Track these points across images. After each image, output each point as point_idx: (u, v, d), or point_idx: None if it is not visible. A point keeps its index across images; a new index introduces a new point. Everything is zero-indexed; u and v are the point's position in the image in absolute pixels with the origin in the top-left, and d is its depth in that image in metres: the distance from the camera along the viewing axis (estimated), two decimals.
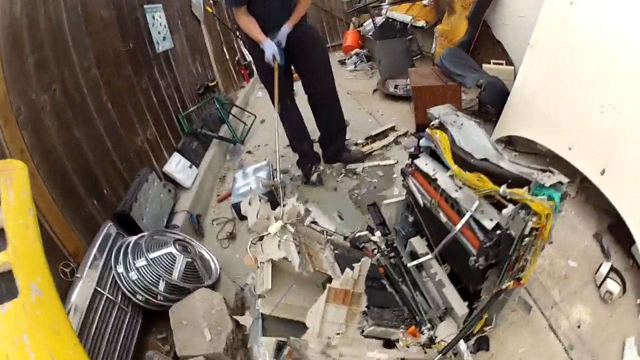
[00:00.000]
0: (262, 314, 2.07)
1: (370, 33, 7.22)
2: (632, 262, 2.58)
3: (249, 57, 8.17)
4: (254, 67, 8.02)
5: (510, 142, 3.81)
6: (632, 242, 2.44)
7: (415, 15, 6.44)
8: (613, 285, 2.40)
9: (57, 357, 1.47)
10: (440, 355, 1.81)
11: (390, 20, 6.65)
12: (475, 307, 2.02)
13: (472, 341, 2.18)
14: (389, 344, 2.03)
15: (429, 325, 2.14)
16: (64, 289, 2.28)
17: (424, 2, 6.39)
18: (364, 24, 8.20)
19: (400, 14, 6.57)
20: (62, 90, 2.88)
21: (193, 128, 4.94)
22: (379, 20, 6.87)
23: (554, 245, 2.52)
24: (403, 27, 6.54)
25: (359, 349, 1.90)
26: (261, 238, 2.14)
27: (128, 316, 2.53)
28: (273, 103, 3.63)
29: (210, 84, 6.16)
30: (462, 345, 1.94)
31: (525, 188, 1.56)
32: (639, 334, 2.22)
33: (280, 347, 1.87)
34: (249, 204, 2.37)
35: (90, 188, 2.89)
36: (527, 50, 3.42)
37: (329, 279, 2.04)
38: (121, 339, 2.41)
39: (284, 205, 2.26)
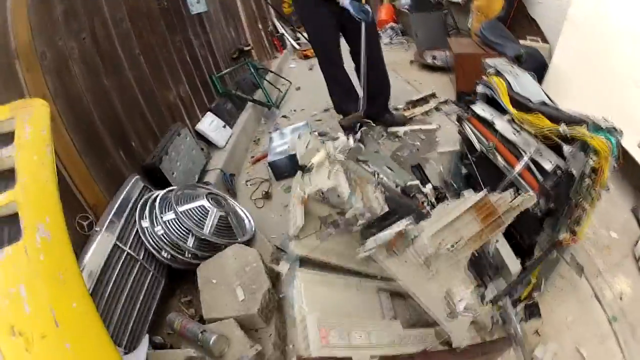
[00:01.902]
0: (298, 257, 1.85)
1: (405, 6, 6.99)
2: None
3: (281, 30, 8.08)
4: (287, 39, 7.90)
5: None
6: None
7: None
8: None
9: (58, 310, 1.22)
10: (484, 305, 1.72)
11: None
12: (527, 265, 1.87)
13: (522, 308, 2.05)
14: None
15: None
16: (79, 244, 2.03)
17: None
18: None
19: None
20: (92, 39, 2.68)
21: (227, 89, 4.73)
22: None
23: (597, 215, 2.30)
24: (438, 1, 6.39)
25: (453, 277, 1.65)
26: (309, 170, 1.97)
27: (150, 275, 2.28)
28: (320, 62, 3.86)
29: (245, 48, 5.88)
30: (509, 310, 1.84)
31: (584, 126, 1.46)
32: None
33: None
34: (299, 137, 2.23)
35: (117, 139, 2.66)
36: (564, 25, 3.32)
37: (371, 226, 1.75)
38: (140, 299, 2.15)
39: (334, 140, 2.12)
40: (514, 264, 1.85)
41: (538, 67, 3.60)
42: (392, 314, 1.89)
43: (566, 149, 1.52)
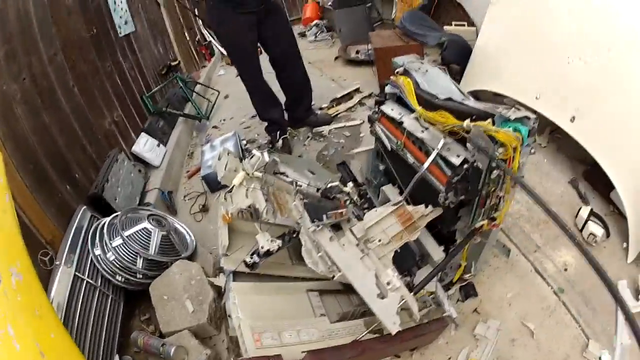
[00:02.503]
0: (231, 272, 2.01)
1: (329, 3, 7.04)
2: (613, 207, 2.55)
3: (208, 38, 7.99)
4: (215, 47, 7.88)
5: (477, 98, 3.73)
6: (610, 188, 2.40)
7: None
8: (596, 228, 2.36)
9: (41, 343, 1.41)
10: (413, 294, 1.72)
11: None
12: (451, 251, 1.96)
13: (456, 290, 2.20)
14: None
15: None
16: (44, 279, 2.16)
17: None
18: None
19: None
20: (31, 78, 2.77)
21: (158, 107, 4.77)
22: None
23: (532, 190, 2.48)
24: None
25: (381, 267, 1.76)
26: (231, 191, 2.06)
27: (110, 299, 2.44)
28: (241, 73, 3.73)
29: (173, 63, 5.92)
30: (440, 292, 1.93)
31: (489, 120, 1.52)
32: (629, 277, 2.19)
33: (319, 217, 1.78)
34: (219, 158, 2.22)
35: (62, 173, 2.77)
36: (489, 8, 3.35)
37: (291, 232, 2.00)
38: (105, 324, 2.31)
39: (250, 157, 2.19)
40: (436, 252, 2.00)
41: (463, 52, 3.76)
42: (322, 311, 2.01)
43: (469, 145, 1.54)
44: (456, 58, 3.89)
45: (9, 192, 1.76)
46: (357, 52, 5.82)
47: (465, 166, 1.60)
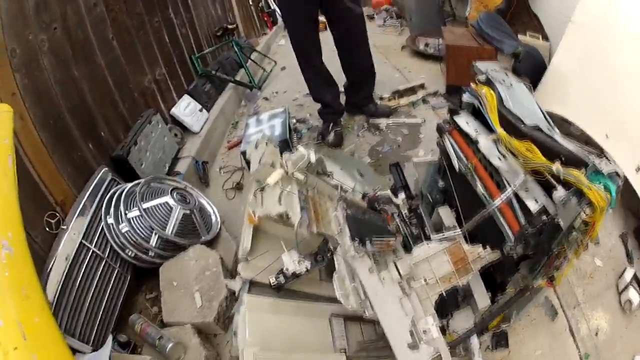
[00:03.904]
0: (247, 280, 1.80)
1: None
2: None
3: (272, 5, 7.95)
4: (278, 15, 7.80)
5: None
6: None
7: None
8: (634, 295, 2.25)
9: (24, 324, 1.34)
10: (449, 348, 1.57)
11: None
12: (498, 299, 1.81)
13: (489, 336, 2.04)
14: None
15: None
16: (48, 242, 2.11)
17: None
18: None
19: None
20: (63, 28, 2.66)
21: (207, 70, 4.69)
22: None
23: None
24: None
25: (421, 310, 1.66)
26: (263, 189, 1.80)
27: (116, 273, 2.35)
28: (293, 46, 3.59)
29: (230, 27, 5.83)
30: (474, 341, 1.77)
31: (582, 170, 1.27)
32: None
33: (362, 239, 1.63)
34: (255, 147, 2.03)
35: (86, 130, 2.68)
36: (569, 27, 3.09)
37: (325, 249, 1.75)
38: (106, 297, 2.23)
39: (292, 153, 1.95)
40: (483, 299, 1.82)
41: (537, 67, 3.56)
42: (343, 343, 1.83)
43: (556, 195, 1.34)
44: (530, 72, 3.63)
45: (13, 155, 1.67)
46: (427, 44, 5.59)
47: (544, 218, 1.40)
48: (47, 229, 2.12)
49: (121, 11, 3.35)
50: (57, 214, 2.20)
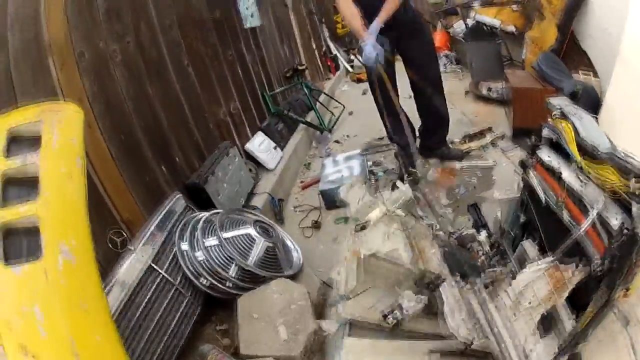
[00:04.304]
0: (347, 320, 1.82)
1: (460, 34, 7.02)
2: None
3: (334, 51, 8.07)
4: (340, 61, 7.86)
5: None
6: None
7: (503, 19, 6.19)
8: None
9: (78, 341, 1.21)
10: None
11: (479, 23, 6.48)
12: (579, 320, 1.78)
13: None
14: None
15: None
16: (109, 260, 2.00)
17: (513, 7, 6.14)
18: (453, 25, 7.92)
19: (489, 18, 6.35)
20: (137, 43, 2.66)
21: (280, 109, 4.70)
22: (469, 22, 6.70)
23: None
24: (492, 31, 6.35)
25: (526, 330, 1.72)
26: (364, 227, 1.88)
27: (186, 301, 2.23)
28: (376, 101, 3.70)
29: (300, 67, 5.84)
30: None
31: None
32: None
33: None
34: (351, 186, 2.14)
35: (159, 151, 2.61)
36: (617, 61, 3.13)
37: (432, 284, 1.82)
38: (172, 325, 2.11)
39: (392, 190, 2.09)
40: (568, 320, 1.81)
41: (593, 104, 3.54)
42: None
43: (635, 208, 1.44)
44: (587, 109, 3.55)
45: (82, 156, 1.53)
46: (489, 89, 5.66)
47: (625, 231, 1.48)
48: (111, 245, 2.01)
49: (196, 38, 3.37)
50: (124, 233, 2.08)
